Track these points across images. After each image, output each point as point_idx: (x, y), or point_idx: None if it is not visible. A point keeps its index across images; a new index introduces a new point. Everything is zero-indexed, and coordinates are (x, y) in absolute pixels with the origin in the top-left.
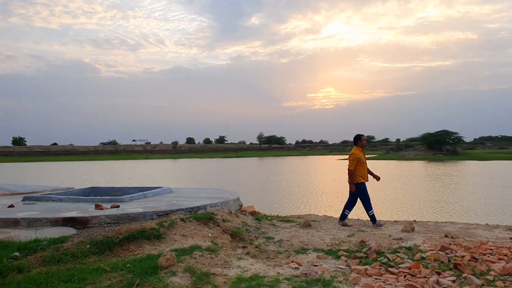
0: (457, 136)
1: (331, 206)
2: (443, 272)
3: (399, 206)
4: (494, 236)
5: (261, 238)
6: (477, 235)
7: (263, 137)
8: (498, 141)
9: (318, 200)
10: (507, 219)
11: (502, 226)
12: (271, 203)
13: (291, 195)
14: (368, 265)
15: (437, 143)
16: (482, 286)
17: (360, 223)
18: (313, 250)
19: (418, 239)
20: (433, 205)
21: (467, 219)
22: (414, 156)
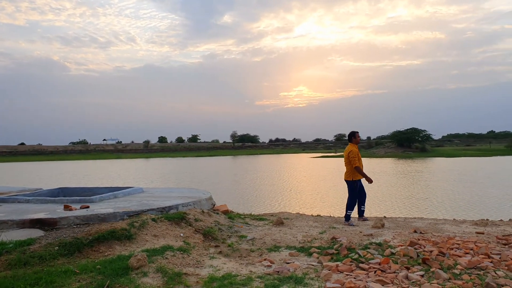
0: (426, 134)
1: (304, 203)
2: (412, 267)
3: (370, 202)
4: (461, 231)
5: (234, 237)
6: (445, 230)
7: (237, 135)
8: (465, 138)
9: (292, 198)
10: (474, 214)
11: (469, 221)
12: (245, 202)
13: (265, 193)
14: (339, 262)
15: (407, 141)
16: (449, 279)
17: (332, 220)
18: (286, 248)
19: (388, 235)
20: (403, 202)
21: (436, 214)
22: (385, 153)
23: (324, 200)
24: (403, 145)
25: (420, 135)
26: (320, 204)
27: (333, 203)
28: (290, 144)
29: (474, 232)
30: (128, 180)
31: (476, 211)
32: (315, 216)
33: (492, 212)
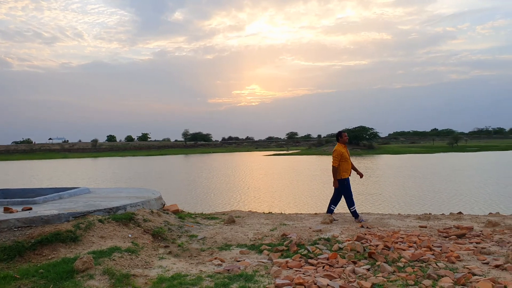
0: (373, 132)
1: (257, 201)
2: (359, 261)
3: (320, 199)
4: (406, 225)
5: (184, 237)
6: (390, 224)
7: (189, 134)
8: (410, 136)
9: (244, 196)
10: (418, 209)
11: (413, 215)
12: (197, 201)
13: (217, 192)
14: (289, 258)
15: (355, 139)
16: (393, 272)
17: (283, 217)
18: (237, 246)
19: (336, 230)
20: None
21: (382, 209)
22: None
23: (276, 197)
24: (351, 143)
25: (368, 133)
26: (273, 201)
27: (285, 200)
28: (243, 143)
29: (417, 226)
30: (75, 180)
31: (420, 205)
32: (267, 213)
33: (435, 206)
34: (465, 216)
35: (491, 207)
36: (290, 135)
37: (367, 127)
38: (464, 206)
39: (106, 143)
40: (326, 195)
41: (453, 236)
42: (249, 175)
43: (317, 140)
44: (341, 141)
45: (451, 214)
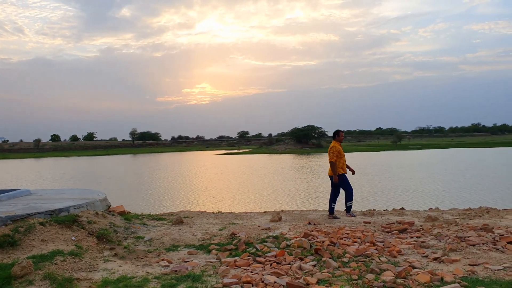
0: (322, 131)
1: (207, 201)
2: (305, 258)
3: (269, 197)
4: (351, 221)
5: (130, 239)
6: (336, 221)
7: (137, 133)
8: (356, 134)
9: (194, 196)
10: (363, 205)
11: (357, 212)
12: (144, 202)
13: (166, 192)
14: (237, 257)
15: (305, 137)
16: (338, 268)
17: (232, 216)
18: (185, 247)
19: (285, 228)
20: (300, 195)
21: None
22: (284, 149)
23: (227, 197)
24: (301, 142)
25: (317, 132)
26: (223, 201)
27: (235, 199)
28: (193, 142)
29: (362, 221)
30: (16, 182)
31: (364, 202)
32: (216, 213)
33: (379, 202)
34: (407, 211)
35: (431, 203)
36: (241, 134)
37: (315, 126)
38: (407, 202)
39: (50, 143)
40: (276, 193)
41: (395, 231)
42: (199, 175)
43: (268, 139)
44: (338, 139)
45: (393, 210)
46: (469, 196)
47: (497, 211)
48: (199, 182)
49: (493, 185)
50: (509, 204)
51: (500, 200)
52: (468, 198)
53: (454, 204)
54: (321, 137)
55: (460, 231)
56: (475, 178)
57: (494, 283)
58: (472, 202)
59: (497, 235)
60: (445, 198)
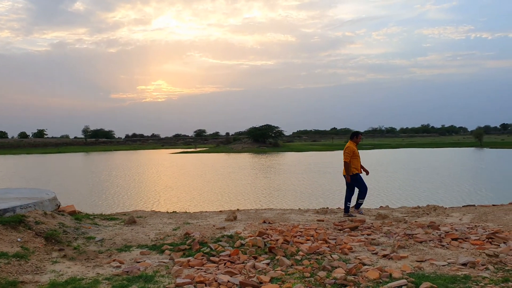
0: (278, 130)
1: (161, 200)
2: (259, 256)
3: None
4: (305, 219)
5: (80, 239)
6: (291, 219)
7: (89, 130)
8: (312, 134)
9: (148, 196)
10: (317, 203)
11: (312, 210)
12: (97, 201)
13: (119, 192)
14: (191, 257)
15: (262, 137)
16: (291, 266)
17: (187, 216)
18: (137, 247)
19: (240, 227)
20: (256, 194)
21: (284, 205)
22: (242, 148)
23: (182, 196)
24: (258, 141)
25: (274, 131)
26: (178, 200)
27: (190, 199)
28: (148, 140)
29: (315, 219)
30: None
31: (319, 200)
32: (171, 213)
33: (332, 200)
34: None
35: (382, 201)
36: (198, 132)
37: (273, 125)
38: None
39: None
40: (232, 192)
41: (347, 229)
42: (154, 174)
43: (225, 138)
44: (355, 140)
45: None
46: (418, 195)
47: (444, 209)
48: (153, 181)
49: (441, 184)
50: (455, 202)
51: (446, 198)
52: (417, 196)
53: (403, 202)
54: (278, 137)
55: (408, 228)
56: (424, 177)
57: (439, 278)
58: (421, 200)
59: (442, 232)
60: (395, 196)
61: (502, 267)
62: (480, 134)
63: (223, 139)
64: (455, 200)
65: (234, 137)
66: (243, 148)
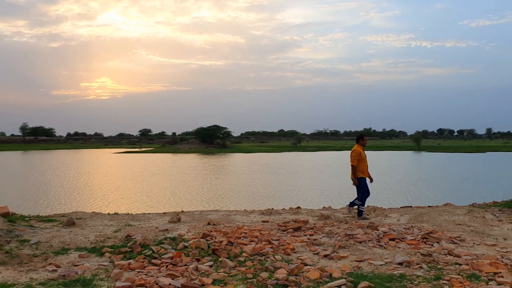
0: (227, 131)
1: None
2: (202, 258)
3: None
4: (250, 220)
5: (13, 242)
6: (236, 220)
7: (28, 128)
8: (260, 135)
9: (89, 197)
10: (263, 204)
11: (257, 211)
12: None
13: (58, 192)
14: (132, 259)
15: (209, 137)
16: (234, 267)
17: (129, 218)
18: (75, 250)
19: (183, 229)
20: (202, 195)
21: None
22: (189, 149)
23: (124, 197)
24: (206, 141)
25: (222, 132)
26: (120, 201)
27: (133, 200)
28: (91, 139)
29: (260, 221)
30: None
31: (264, 201)
32: (112, 214)
33: (278, 201)
34: (302, 210)
35: (325, 202)
36: (143, 132)
37: (221, 126)
38: (303, 201)
39: None
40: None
41: (291, 230)
42: (96, 174)
43: (171, 138)
44: (361, 143)
45: (290, 208)
46: None
47: (383, 210)
48: (95, 182)
49: (380, 186)
50: (394, 203)
51: (386, 200)
52: None
53: (345, 203)
54: (226, 137)
55: (349, 229)
56: None
57: (377, 277)
58: None
59: (381, 232)
60: (338, 197)
61: (435, 266)
62: (418, 138)
63: (169, 139)
64: (393, 201)
65: (181, 137)
66: (190, 148)
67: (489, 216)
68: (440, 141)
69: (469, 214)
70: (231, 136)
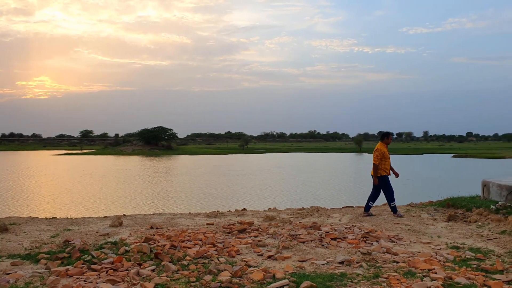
0: (172, 133)
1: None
2: (144, 263)
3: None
4: (194, 223)
5: None
6: (180, 223)
7: None
8: (207, 137)
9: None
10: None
11: (202, 214)
12: None
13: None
14: (70, 265)
15: (154, 139)
16: (177, 271)
17: (68, 222)
18: (8, 257)
19: (125, 233)
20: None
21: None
22: (132, 151)
23: (63, 201)
24: (150, 143)
25: (167, 134)
26: (58, 205)
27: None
28: (28, 140)
29: (205, 223)
30: None
31: (210, 203)
32: (50, 219)
33: (224, 203)
34: (248, 212)
35: (271, 203)
36: (85, 133)
37: (166, 127)
38: (249, 203)
39: None
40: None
41: (236, 231)
42: (33, 177)
43: (114, 139)
44: (385, 142)
45: (236, 210)
46: (303, 196)
47: (326, 210)
48: (32, 185)
49: (324, 186)
50: (336, 203)
51: (329, 200)
52: (302, 198)
53: (290, 204)
54: (172, 139)
55: (293, 229)
56: (309, 180)
57: (318, 277)
58: (306, 202)
59: (323, 232)
60: (283, 199)
61: (374, 264)
62: (359, 140)
63: (112, 141)
64: (336, 201)
65: (124, 139)
66: (133, 150)
67: (425, 215)
68: None
69: (406, 213)
70: (176, 138)
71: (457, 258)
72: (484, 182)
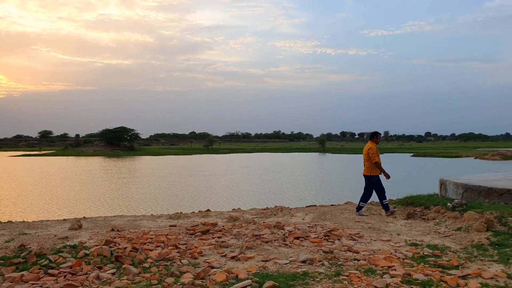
0: (134, 133)
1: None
2: (105, 266)
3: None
4: (157, 225)
5: None
6: (142, 226)
7: None
8: (170, 138)
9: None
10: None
11: (165, 215)
12: None
13: None
14: (26, 271)
15: (116, 139)
16: (138, 274)
17: (24, 225)
18: None
19: (85, 236)
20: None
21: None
22: (93, 152)
23: (19, 204)
24: (112, 144)
25: (129, 134)
26: (14, 209)
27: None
28: None
29: (168, 225)
30: None
31: (173, 205)
32: (4, 223)
33: (187, 205)
34: (212, 213)
35: (235, 203)
36: (43, 133)
37: (128, 127)
38: (213, 203)
39: None
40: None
41: (199, 233)
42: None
43: (75, 140)
44: (375, 141)
45: (199, 211)
46: (268, 196)
47: (289, 210)
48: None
49: (288, 186)
50: (300, 202)
51: (292, 199)
52: (267, 198)
53: (255, 204)
54: (134, 140)
55: (256, 229)
56: (274, 180)
57: (281, 276)
58: (270, 201)
59: (287, 231)
60: (248, 199)
61: (335, 262)
62: (323, 140)
63: (72, 141)
64: (300, 200)
65: (84, 140)
66: (94, 151)
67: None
68: (342, 143)
69: (367, 211)
70: (139, 138)
71: (415, 255)
72: (441, 180)
